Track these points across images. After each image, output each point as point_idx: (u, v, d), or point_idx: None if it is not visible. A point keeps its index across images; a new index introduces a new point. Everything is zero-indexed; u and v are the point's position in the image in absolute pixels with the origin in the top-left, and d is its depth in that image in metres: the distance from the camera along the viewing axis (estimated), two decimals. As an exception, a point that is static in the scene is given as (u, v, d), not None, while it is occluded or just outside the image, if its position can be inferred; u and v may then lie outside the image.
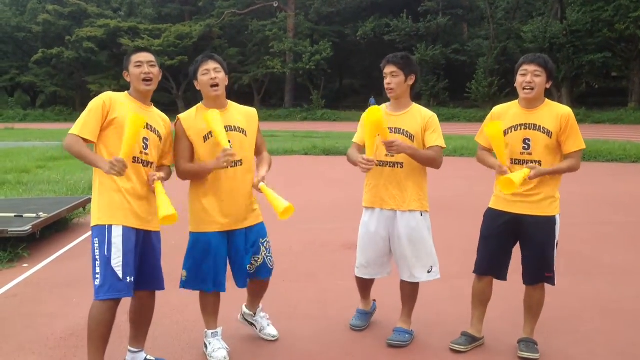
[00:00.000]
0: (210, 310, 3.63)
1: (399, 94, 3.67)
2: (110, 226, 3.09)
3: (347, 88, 49.54)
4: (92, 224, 3.16)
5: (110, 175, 3.01)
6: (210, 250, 3.47)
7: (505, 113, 3.57)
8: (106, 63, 46.08)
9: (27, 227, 5.87)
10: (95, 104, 3.14)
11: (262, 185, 3.38)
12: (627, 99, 32.87)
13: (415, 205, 3.67)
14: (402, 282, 3.81)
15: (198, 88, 3.52)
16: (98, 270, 3.07)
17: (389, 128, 3.59)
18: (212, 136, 3.40)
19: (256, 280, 3.65)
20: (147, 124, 3.21)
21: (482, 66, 36.38)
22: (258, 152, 3.69)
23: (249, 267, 3.55)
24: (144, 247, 3.24)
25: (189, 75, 3.97)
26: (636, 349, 3.67)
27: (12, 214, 6.52)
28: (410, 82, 3.67)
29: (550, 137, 3.44)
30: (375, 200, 3.74)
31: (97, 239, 3.10)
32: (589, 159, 14.54)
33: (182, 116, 3.52)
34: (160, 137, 3.31)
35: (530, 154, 3.46)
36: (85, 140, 3.09)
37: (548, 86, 3.48)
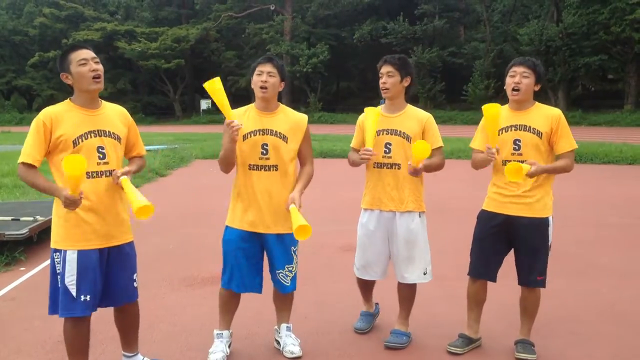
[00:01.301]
0: (225, 310, 3.63)
1: (394, 94, 3.69)
2: (65, 250, 2.96)
3: (344, 91, 49.58)
4: (51, 246, 3.03)
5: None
6: (239, 248, 3.47)
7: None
8: (103, 66, 46.08)
9: (24, 231, 5.86)
10: (35, 125, 2.90)
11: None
12: (623, 101, 33.01)
13: (413, 206, 3.69)
14: (399, 284, 3.81)
15: (252, 87, 3.52)
16: (54, 287, 3.03)
17: (384, 130, 3.64)
18: (250, 137, 3.43)
19: (288, 293, 3.65)
20: (97, 130, 2.98)
21: (478, 69, 36.49)
22: (302, 163, 3.64)
23: (283, 278, 3.55)
24: (111, 263, 3.09)
25: (185, 79, 3.95)
26: (634, 351, 3.68)
27: (9, 218, 6.51)
28: (406, 83, 3.69)
29: (541, 138, 3.47)
30: (373, 202, 3.75)
31: (54, 256, 3.01)
32: (585, 161, 14.60)
33: (234, 111, 3.48)
34: (118, 138, 3.08)
35: (520, 154, 3.49)
36: (32, 165, 2.89)
37: (537, 88, 3.52)
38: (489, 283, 3.71)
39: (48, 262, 5.90)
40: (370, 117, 3.57)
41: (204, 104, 46.67)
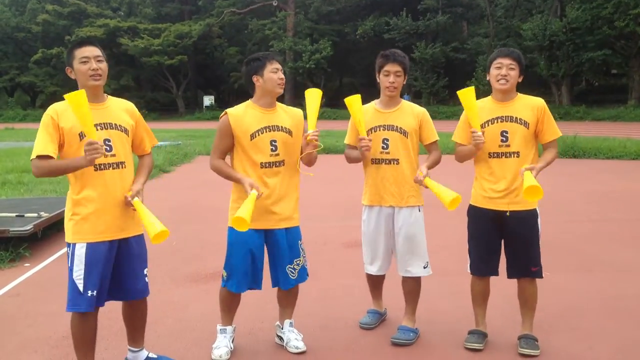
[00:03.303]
0: (226, 309, 3.64)
1: (398, 92, 3.73)
2: (74, 244, 3.01)
3: (347, 86, 49.48)
4: (65, 239, 3.09)
5: (77, 188, 2.95)
6: (246, 247, 3.46)
7: (481, 108, 3.59)
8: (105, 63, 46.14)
9: (29, 227, 5.88)
10: (43, 121, 2.98)
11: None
12: (627, 96, 32.86)
13: (413, 200, 3.71)
14: (404, 279, 3.82)
15: (257, 84, 3.46)
16: (69, 283, 3.05)
17: (381, 125, 3.67)
18: (259, 135, 3.41)
19: (292, 288, 3.64)
20: (103, 123, 3.03)
21: (481, 64, 36.32)
22: (302, 151, 3.65)
23: (291, 272, 3.56)
24: (121, 257, 3.12)
25: (188, 75, 3.96)
26: (637, 347, 3.68)
27: (14, 214, 6.53)
28: (405, 80, 3.74)
29: (528, 128, 3.51)
30: (373, 198, 3.76)
31: (68, 251, 3.06)
32: (589, 156, 14.58)
33: (230, 110, 3.49)
34: (126, 130, 3.12)
35: (508, 145, 3.50)
36: (47, 157, 2.93)
37: (520, 80, 3.54)
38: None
39: (52, 258, 5.99)
40: (354, 106, 3.57)
41: (207, 100, 46.72)
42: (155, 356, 3.45)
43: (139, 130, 3.26)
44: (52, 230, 6.86)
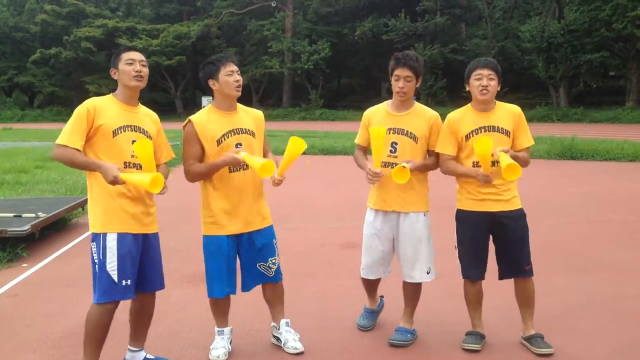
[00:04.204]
0: (219, 312, 3.65)
1: (410, 96, 3.66)
2: (105, 234, 3.10)
3: (345, 87, 49.57)
4: (90, 230, 3.18)
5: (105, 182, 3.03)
6: (222, 253, 3.50)
7: (463, 119, 3.62)
8: (104, 63, 46.04)
9: (26, 227, 5.87)
10: (79, 111, 3.09)
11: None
12: (625, 97, 32.89)
13: (418, 206, 3.69)
14: (405, 283, 3.81)
15: (214, 88, 3.47)
16: (96, 274, 3.11)
17: (391, 128, 3.60)
18: (225, 139, 3.42)
19: (271, 284, 3.65)
20: (134, 126, 3.20)
21: (480, 66, 36.38)
22: (265, 154, 3.67)
23: (266, 270, 3.57)
24: (144, 250, 3.24)
25: (186, 76, 3.98)
26: (635, 347, 3.68)
27: (11, 214, 6.53)
28: (418, 84, 3.67)
29: (509, 137, 3.58)
30: (379, 202, 3.73)
31: (94, 244, 3.14)
32: (586, 158, 14.60)
33: (194, 118, 3.50)
34: (149, 136, 3.27)
35: (492, 155, 3.48)
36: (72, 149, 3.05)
37: (499, 88, 3.58)
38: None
39: (50, 258, 5.98)
40: (376, 138, 3.50)
41: (205, 101, 46.59)
42: (152, 357, 3.47)
43: (158, 139, 3.40)
44: (49, 230, 6.86)
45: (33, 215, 6.47)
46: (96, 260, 3.10)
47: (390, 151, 3.62)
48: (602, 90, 38.29)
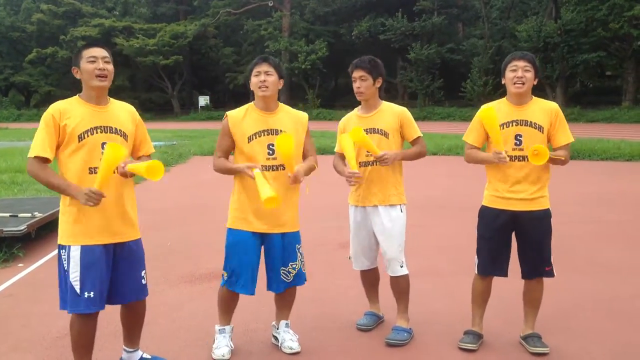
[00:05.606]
0: (225, 309, 3.64)
1: (368, 96, 3.79)
2: (69, 246, 2.98)
3: (342, 87, 49.49)
4: (58, 241, 3.06)
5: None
6: (245, 249, 3.48)
7: (497, 110, 3.58)
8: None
9: (22, 227, 5.86)
10: (44, 119, 2.96)
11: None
12: (621, 97, 33.01)
13: (395, 199, 3.78)
14: (391, 278, 3.86)
15: (252, 89, 3.53)
16: (60, 284, 3.04)
17: (364, 129, 3.68)
18: (256, 138, 3.45)
19: (289, 289, 3.64)
20: (104, 127, 3.02)
21: (476, 65, 36.47)
22: (304, 156, 3.67)
23: (285, 275, 3.56)
24: (117, 260, 3.09)
25: (183, 76, 3.97)
26: (630, 347, 3.69)
27: (7, 214, 6.51)
28: (378, 84, 3.81)
29: (542, 132, 3.51)
30: (358, 199, 3.86)
31: (61, 252, 3.03)
32: (583, 158, 14.61)
33: (230, 113, 3.56)
34: (124, 135, 3.09)
35: (522, 149, 3.50)
36: (44, 159, 2.93)
37: (535, 82, 3.55)
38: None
39: (46, 258, 5.96)
40: (347, 141, 3.63)
41: (202, 101, 46.63)
42: (149, 356, 3.44)
43: (138, 134, 3.23)
44: (45, 230, 6.83)
45: (29, 215, 6.46)
46: (61, 271, 3.02)
47: (367, 151, 3.72)
48: (599, 90, 38.43)
